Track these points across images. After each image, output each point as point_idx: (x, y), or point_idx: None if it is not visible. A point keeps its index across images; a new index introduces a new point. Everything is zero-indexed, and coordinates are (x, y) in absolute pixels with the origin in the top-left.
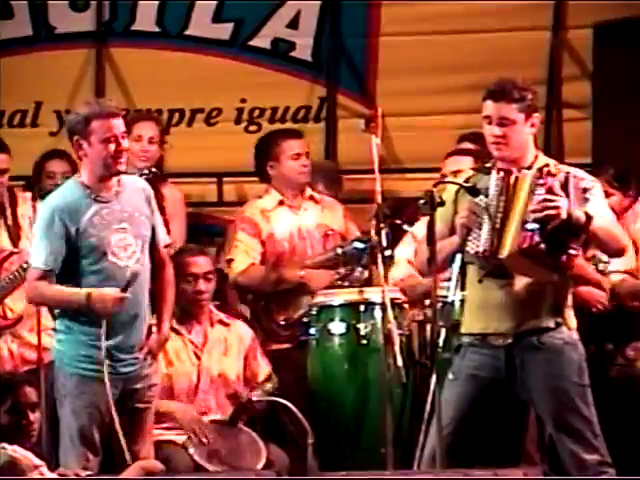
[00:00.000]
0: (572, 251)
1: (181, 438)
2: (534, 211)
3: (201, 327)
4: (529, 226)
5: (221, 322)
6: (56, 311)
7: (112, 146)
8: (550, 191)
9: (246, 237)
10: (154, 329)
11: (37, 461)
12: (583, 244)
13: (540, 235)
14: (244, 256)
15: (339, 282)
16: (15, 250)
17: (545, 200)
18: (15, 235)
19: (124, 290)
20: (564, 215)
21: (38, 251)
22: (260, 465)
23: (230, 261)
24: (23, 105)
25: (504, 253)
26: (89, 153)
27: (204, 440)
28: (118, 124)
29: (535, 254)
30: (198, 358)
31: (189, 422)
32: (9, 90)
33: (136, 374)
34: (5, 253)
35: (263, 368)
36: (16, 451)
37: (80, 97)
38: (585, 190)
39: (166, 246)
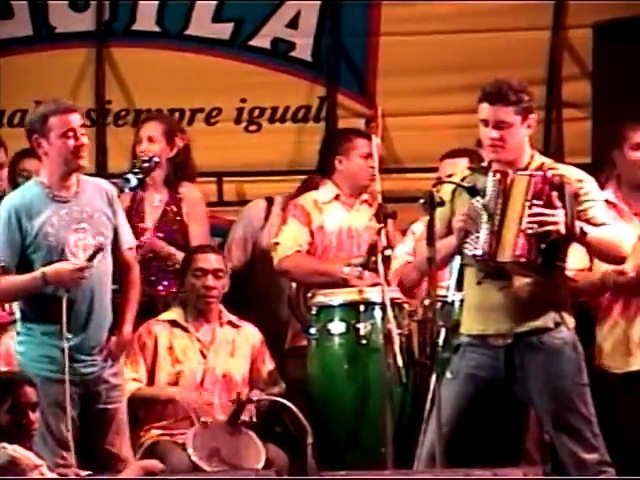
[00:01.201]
0: (563, 263)
1: (180, 438)
2: (532, 222)
3: (210, 326)
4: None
5: (231, 323)
6: (17, 314)
7: (71, 141)
8: (548, 202)
9: (296, 223)
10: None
11: (37, 461)
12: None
13: (537, 248)
14: (291, 242)
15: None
16: None
17: (543, 214)
18: None
19: (89, 261)
20: (563, 231)
21: None
22: (259, 465)
23: (277, 244)
24: (23, 105)
25: (502, 257)
26: (49, 151)
27: (206, 420)
28: (75, 119)
29: (530, 266)
30: (204, 357)
31: (190, 403)
32: (9, 90)
33: (96, 376)
34: None
35: (271, 372)
36: (16, 450)
37: (80, 97)
38: (581, 195)
39: (130, 248)
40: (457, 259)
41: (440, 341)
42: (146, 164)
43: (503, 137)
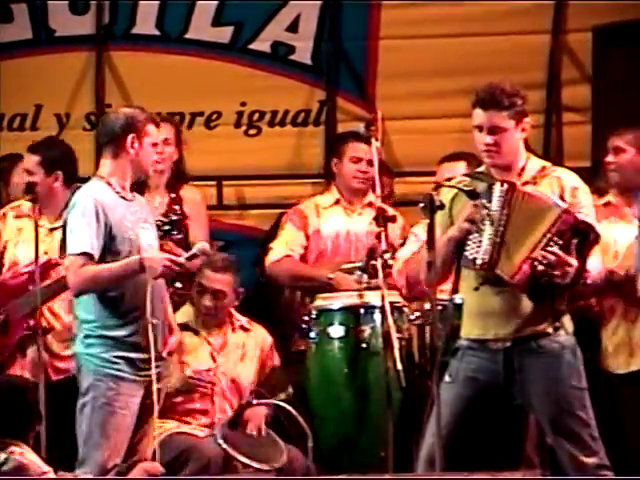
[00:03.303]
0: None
1: (195, 431)
2: (545, 258)
3: (221, 331)
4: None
5: (242, 327)
6: (82, 317)
7: (155, 153)
8: (567, 245)
9: (292, 228)
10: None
11: (45, 467)
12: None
13: (534, 280)
14: (282, 247)
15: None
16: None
17: (559, 258)
18: None
19: (188, 259)
20: (567, 281)
21: (80, 238)
22: (284, 460)
23: (269, 250)
24: (23, 108)
25: (501, 272)
26: (135, 152)
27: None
28: (161, 134)
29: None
30: (214, 360)
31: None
32: (9, 93)
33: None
34: (51, 262)
35: (277, 374)
36: (24, 456)
37: (80, 101)
38: (575, 204)
39: None
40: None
41: (440, 345)
42: (167, 226)
43: (497, 142)
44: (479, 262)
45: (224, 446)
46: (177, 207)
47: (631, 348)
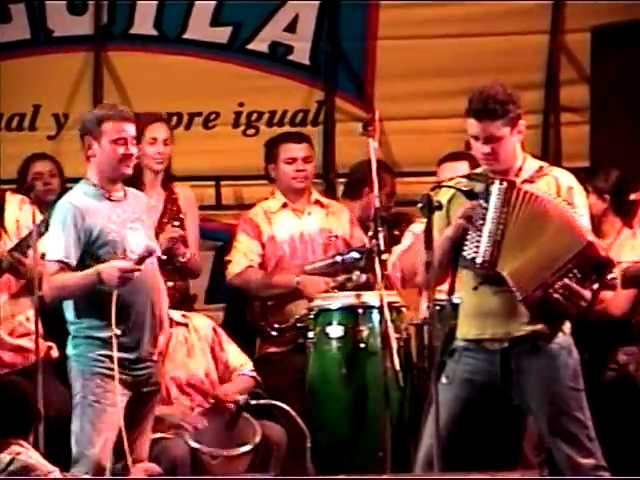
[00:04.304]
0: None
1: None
2: (561, 289)
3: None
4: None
5: (177, 323)
6: (70, 318)
7: (121, 149)
8: (583, 279)
9: (246, 238)
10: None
11: (50, 467)
12: None
13: (543, 305)
14: (242, 258)
15: (335, 290)
16: None
17: (575, 293)
18: None
19: (138, 263)
20: (574, 313)
21: (56, 245)
22: (257, 440)
23: (227, 262)
24: (21, 108)
25: (502, 271)
26: (98, 154)
27: (198, 426)
28: (129, 129)
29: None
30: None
31: (176, 418)
32: (7, 93)
33: (146, 378)
34: None
35: (234, 354)
36: (31, 457)
37: (78, 101)
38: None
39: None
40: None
41: (438, 345)
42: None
43: (495, 150)
44: (479, 261)
45: (192, 445)
46: (173, 206)
47: None
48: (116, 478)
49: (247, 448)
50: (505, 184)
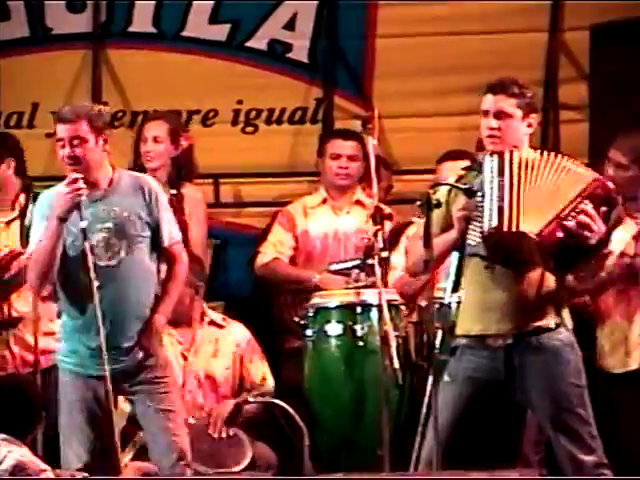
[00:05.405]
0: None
1: None
2: (577, 216)
3: (190, 328)
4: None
5: (213, 323)
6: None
7: (61, 151)
8: (597, 207)
9: (280, 230)
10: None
11: (43, 465)
12: None
13: (559, 243)
14: (271, 249)
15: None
16: (23, 251)
17: (591, 217)
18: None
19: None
20: (593, 242)
21: (33, 237)
22: (244, 464)
23: (257, 253)
24: (20, 106)
25: (526, 227)
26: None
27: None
28: (60, 129)
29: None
30: (185, 358)
31: None
32: (6, 91)
33: (125, 370)
34: (13, 253)
35: (258, 369)
36: (23, 455)
37: (77, 98)
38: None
39: (173, 244)
40: (454, 260)
41: (437, 343)
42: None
43: (501, 127)
44: (494, 225)
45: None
46: (177, 207)
47: (628, 348)
48: (111, 478)
49: (235, 469)
50: (496, 155)
